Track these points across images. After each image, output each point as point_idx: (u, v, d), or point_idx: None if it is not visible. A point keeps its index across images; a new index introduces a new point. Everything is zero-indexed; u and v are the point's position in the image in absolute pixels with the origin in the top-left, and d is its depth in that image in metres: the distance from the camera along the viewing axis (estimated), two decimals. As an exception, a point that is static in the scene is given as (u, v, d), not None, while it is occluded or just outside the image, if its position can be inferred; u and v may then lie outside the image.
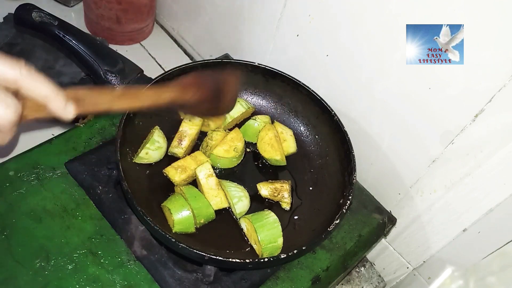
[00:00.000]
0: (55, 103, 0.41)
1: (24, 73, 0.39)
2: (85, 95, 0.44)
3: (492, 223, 0.66)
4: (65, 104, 0.41)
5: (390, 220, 0.78)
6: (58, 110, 0.41)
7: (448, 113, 0.64)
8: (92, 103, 0.45)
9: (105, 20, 1.00)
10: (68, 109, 0.42)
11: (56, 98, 0.41)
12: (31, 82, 0.39)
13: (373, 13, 0.65)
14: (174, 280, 0.61)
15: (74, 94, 0.43)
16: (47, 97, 0.40)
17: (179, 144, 0.71)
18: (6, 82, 0.38)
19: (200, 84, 0.57)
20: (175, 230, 0.63)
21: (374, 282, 0.90)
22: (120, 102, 0.48)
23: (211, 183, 0.67)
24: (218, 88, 0.60)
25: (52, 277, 0.59)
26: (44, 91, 0.40)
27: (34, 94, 0.40)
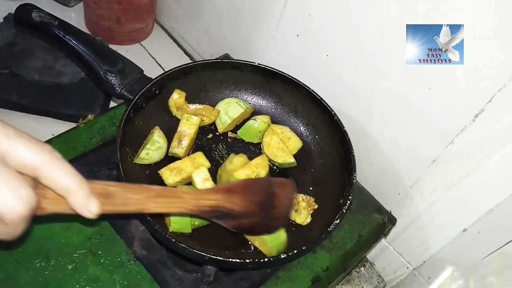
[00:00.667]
0: (77, 198, 0.36)
1: (47, 160, 0.34)
2: (115, 191, 0.39)
3: (492, 223, 0.66)
4: (88, 200, 0.36)
5: (390, 220, 0.78)
6: (78, 206, 0.36)
7: (448, 113, 0.64)
8: (123, 202, 0.39)
9: (105, 20, 1.01)
10: (91, 207, 0.36)
11: (79, 192, 0.36)
12: (53, 170, 0.35)
13: (373, 13, 0.65)
14: (174, 280, 0.61)
15: (103, 188, 0.38)
16: (68, 190, 0.35)
17: (179, 144, 0.71)
18: (24, 168, 0.34)
19: (248, 190, 0.51)
20: (172, 229, 0.62)
21: (374, 282, 0.90)
22: (156, 203, 0.42)
23: (207, 187, 0.65)
24: (269, 198, 0.53)
25: (52, 277, 0.59)
26: (66, 182, 0.35)
27: (54, 185, 0.35)
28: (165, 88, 0.74)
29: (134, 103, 0.68)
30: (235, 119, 0.77)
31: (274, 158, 0.74)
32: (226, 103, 0.79)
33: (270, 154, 0.75)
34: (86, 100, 0.90)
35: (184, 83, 0.76)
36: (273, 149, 0.75)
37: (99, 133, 0.75)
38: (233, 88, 0.82)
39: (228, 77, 0.80)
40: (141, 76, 0.73)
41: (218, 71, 0.79)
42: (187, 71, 0.75)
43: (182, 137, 0.72)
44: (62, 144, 0.72)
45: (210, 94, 0.81)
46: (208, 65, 0.77)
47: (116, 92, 0.71)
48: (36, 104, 0.88)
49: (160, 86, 0.73)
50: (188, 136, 0.72)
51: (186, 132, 0.72)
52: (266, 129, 0.77)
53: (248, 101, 0.83)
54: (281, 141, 0.76)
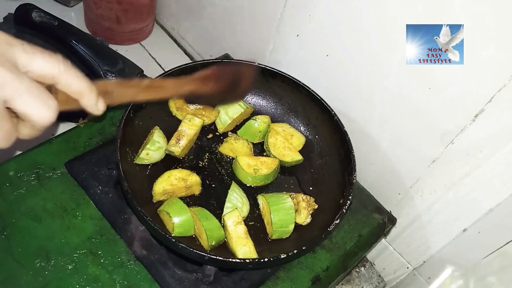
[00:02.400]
0: (88, 99, 0.41)
1: (62, 69, 0.39)
2: (113, 88, 0.45)
3: (492, 223, 0.66)
4: (97, 100, 0.42)
5: (390, 220, 0.78)
6: (90, 106, 0.42)
7: (448, 113, 0.64)
8: (120, 95, 0.46)
9: (105, 20, 1.00)
10: (99, 105, 0.43)
11: (90, 94, 0.41)
12: (68, 78, 0.39)
13: (373, 13, 0.65)
14: (174, 280, 0.61)
15: (104, 87, 0.44)
16: (82, 93, 0.41)
17: (177, 143, 0.71)
18: (44, 78, 0.38)
19: (219, 76, 0.59)
20: (175, 234, 0.62)
21: (374, 282, 0.90)
22: (145, 93, 0.49)
23: (239, 231, 0.63)
24: (235, 79, 0.63)
25: (52, 277, 0.59)
26: (80, 87, 0.40)
27: (70, 90, 0.40)
28: (165, 88, 0.74)
29: (134, 103, 0.68)
30: (235, 119, 0.77)
31: (283, 158, 0.74)
32: (226, 103, 0.79)
33: (278, 154, 0.75)
34: (86, 100, 0.90)
35: (184, 83, 0.76)
36: (279, 149, 0.75)
37: (99, 133, 0.75)
38: (233, 88, 0.82)
39: (228, 77, 0.80)
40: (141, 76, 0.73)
41: (218, 71, 0.79)
42: (187, 71, 0.75)
43: (181, 136, 0.72)
44: (62, 144, 0.72)
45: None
46: (208, 65, 0.77)
47: (116, 92, 0.70)
48: (36, 104, 0.88)
49: (160, 86, 0.73)
50: (187, 136, 0.72)
51: (186, 132, 0.72)
52: (266, 129, 0.77)
53: (248, 101, 0.83)
54: (286, 140, 0.76)
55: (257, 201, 0.70)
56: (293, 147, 0.76)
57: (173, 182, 0.66)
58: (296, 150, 0.76)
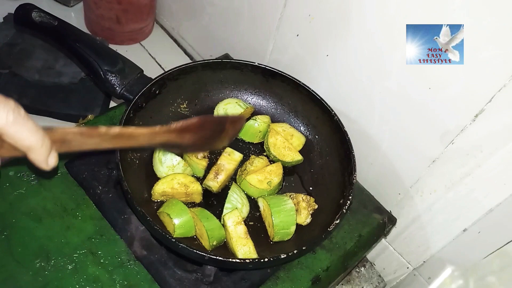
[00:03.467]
0: (37, 154, 0.37)
1: (10, 119, 0.34)
2: (73, 137, 0.41)
3: (492, 223, 0.66)
4: (47, 155, 0.37)
5: (390, 220, 0.78)
6: (39, 162, 0.37)
7: (448, 113, 0.64)
8: (80, 144, 0.42)
9: (105, 20, 1.00)
10: (49, 160, 0.38)
11: (40, 149, 0.37)
12: (17, 129, 0.35)
13: (373, 13, 0.65)
14: (174, 280, 0.61)
15: (62, 135, 0.39)
16: (30, 147, 0.36)
17: (215, 178, 0.70)
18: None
19: (201, 128, 0.54)
20: (176, 235, 0.62)
21: (374, 282, 0.90)
22: (112, 142, 0.45)
23: (239, 231, 0.63)
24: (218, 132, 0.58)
25: (52, 277, 0.59)
26: (29, 141, 0.36)
27: (18, 143, 0.36)
28: (165, 88, 0.74)
29: (134, 103, 0.68)
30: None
31: (283, 158, 0.74)
32: (226, 103, 0.79)
33: (278, 154, 0.74)
34: (86, 100, 0.90)
35: (184, 83, 0.76)
36: (279, 149, 0.75)
37: (99, 133, 0.75)
38: (233, 88, 0.82)
39: (228, 77, 0.80)
40: (141, 76, 0.73)
41: (218, 71, 0.79)
42: (187, 71, 0.75)
43: (220, 171, 0.70)
44: (62, 144, 0.72)
45: (210, 94, 0.81)
46: (208, 65, 0.77)
47: (116, 92, 0.70)
48: (36, 104, 0.88)
49: (160, 86, 0.73)
50: (226, 171, 0.71)
51: (225, 166, 0.71)
52: (266, 129, 0.77)
53: (248, 101, 0.83)
54: (286, 140, 0.76)
55: (258, 203, 0.70)
56: (293, 147, 0.76)
57: (175, 185, 0.66)
58: (296, 150, 0.76)
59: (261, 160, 0.73)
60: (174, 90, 0.76)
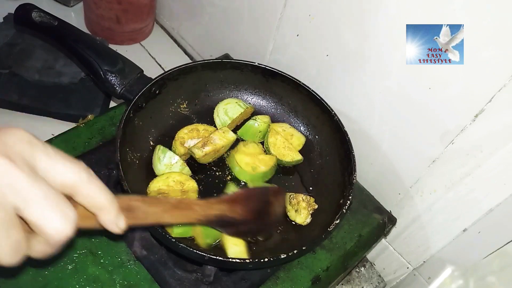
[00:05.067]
0: (108, 216, 0.36)
1: (84, 178, 0.34)
2: (137, 204, 0.41)
3: (492, 223, 0.66)
4: (117, 217, 0.37)
5: (390, 220, 0.78)
6: (109, 223, 0.36)
7: (448, 113, 0.64)
8: (143, 215, 0.41)
9: (105, 20, 1.01)
10: (119, 223, 0.37)
11: (111, 210, 0.36)
12: (90, 189, 0.35)
13: (373, 13, 0.65)
14: (174, 280, 0.61)
15: (126, 202, 0.39)
16: (102, 208, 0.36)
17: (202, 147, 0.70)
18: (63, 187, 0.34)
19: (248, 200, 0.56)
20: (175, 235, 0.62)
21: (374, 282, 0.90)
22: (171, 214, 0.45)
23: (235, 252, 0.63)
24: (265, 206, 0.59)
25: (52, 277, 0.59)
26: (100, 200, 0.35)
27: (88, 203, 0.35)
28: (165, 88, 0.74)
29: (134, 103, 0.68)
30: (235, 119, 0.77)
31: (282, 158, 0.74)
32: (226, 103, 0.79)
33: (278, 154, 0.75)
34: (86, 100, 0.90)
35: (184, 83, 0.76)
36: (279, 149, 0.75)
37: (99, 133, 0.75)
38: (233, 88, 0.82)
39: (228, 77, 0.80)
40: (141, 76, 0.73)
41: (218, 71, 0.79)
42: (187, 71, 0.75)
43: (208, 143, 0.71)
44: (62, 144, 0.72)
45: (210, 94, 0.81)
46: (208, 65, 0.77)
47: (116, 92, 0.70)
48: (36, 104, 0.88)
49: (160, 86, 0.73)
50: (213, 145, 0.71)
51: (215, 141, 0.71)
52: (266, 129, 0.77)
53: (248, 101, 0.83)
54: (286, 140, 0.76)
55: None
56: (293, 147, 0.76)
57: (170, 183, 0.66)
58: (296, 150, 0.76)
59: (255, 146, 0.74)
60: (174, 90, 0.76)
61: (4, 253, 0.31)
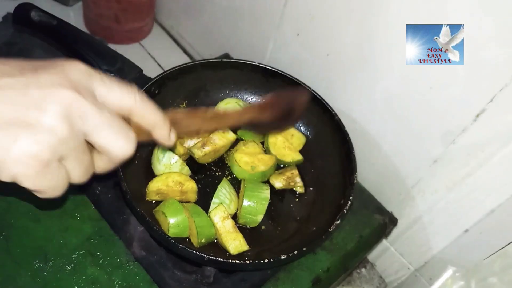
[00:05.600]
0: (162, 131, 0.41)
1: (138, 100, 0.38)
2: (181, 118, 0.45)
3: (494, 223, 0.66)
4: (169, 131, 0.41)
5: (391, 221, 0.78)
6: (163, 138, 0.41)
7: (450, 113, 0.63)
8: (187, 125, 0.46)
9: (104, 20, 1.00)
10: (171, 136, 0.42)
11: (164, 126, 0.40)
12: (144, 109, 0.39)
13: (374, 12, 0.65)
14: (174, 281, 0.61)
15: (172, 117, 0.43)
16: (156, 125, 0.40)
17: (201, 147, 0.70)
18: (120, 110, 0.37)
19: (275, 104, 0.60)
20: (170, 234, 0.62)
21: (375, 283, 0.90)
22: (209, 123, 0.50)
23: (227, 226, 0.63)
24: (289, 106, 0.63)
25: (51, 278, 0.59)
26: (154, 119, 0.40)
27: (145, 122, 0.39)
28: (165, 87, 0.74)
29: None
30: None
31: (283, 158, 0.74)
32: (226, 103, 0.78)
33: (278, 154, 0.74)
34: (85, 100, 0.90)
35: (184, 83, 0.76)
36: (279, 149, 0.74)
37: (98, 133, 0.75)
38: (233, 88, 0.82)
39: (228, 76, 0.80)
40: (140, 75, 0.73)
41: (218, 70, 0.79)
42: (187, 70, 0.75)
43: (208, 143, 0.70)
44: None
45: (209, 94, 0.81)
46: (208, 64, 0.77)
47: (116, 92, 0.70)
48: (35, 104, 0.88)
49: (160, 85, 0.72)
50: (213, 145, 0.71)
51: (215, 141, 0.71)
52: None
53: (248, 101, 0.82)
54: (286, 140, 0.75)
55: None
56: (293, 147, 0.75)
57: (169, 184, 0.66)
58: (296, 150, 0.76)
59: (255, 145, 0.74)
60: (173, 90, 0.75)
61: (78, 175, 0.35)
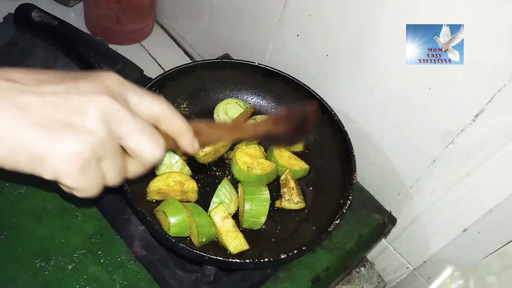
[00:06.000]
0: (187, 139, 0.43)
1: (167, 109, 0.40)
2: (203, 129, 0.47)
3: (492, 223, 0.66)
4: (193, 140, 0.44)
5: (390, 220, 0.78)
6: (187, 146, 0.44)
7: (448, 113, 0.64)
8: (207, 136, 0.48)
9: (105, 20, 1.00)
10: (194, 145, 0.44)
11: (188, 134, 0.43)
12: (172, 118, 0.41)
13: (373, 13, 0.65)
14: (174, 280, 0.61)
15: (195, 128, 0.45)
16: (181, 133, 0.42)
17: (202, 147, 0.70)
18: (150, 118, 0.39)
19: (289, 118, 0.64)
20: (171, 233, 0.62)
21: (374, 282, 0.90)
22: (229, 135, 0.53)
23: (228, 225, 0.64)
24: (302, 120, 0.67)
25: (52, 277, 0.59)
26: (180, 127, 0.42)
27: (172, 130, 0.42)
28: (165, 88, 0.74)
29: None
30: (235, 119, 0.77)
31: (291, 167, 0.74)
32: (226, 103, 0.79)
33: (287, 164, 0.74)
34: (86, 100, 0.90)
35: (184, 83, 0.76)
36: (287, 159, 0.75)
37: (99, 133, 0.75)
38: (233, 88, 0.82)
39: (228, 77, 0.80)
40: (141, 76, 0.73)
41: (218, 71, 0.79)
42: (187, 71, 0.75)
43: None
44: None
45: (210, 94, 0.81)
46: (208, 65, 0.77)
47: (116, 92, 0.70)
48: (36, 104, 0.88)
49: (160, 86, 0.73)
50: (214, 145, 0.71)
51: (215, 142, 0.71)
52: None
53: (248, 101, 0.82)
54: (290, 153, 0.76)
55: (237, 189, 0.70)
56: (298, 158, 0.75)
57: (170, 183, 0.66)
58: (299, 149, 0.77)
59: (257, 148, 0.74)
60: (174, 90, 0.76)
61: (112, 176, 0.37)
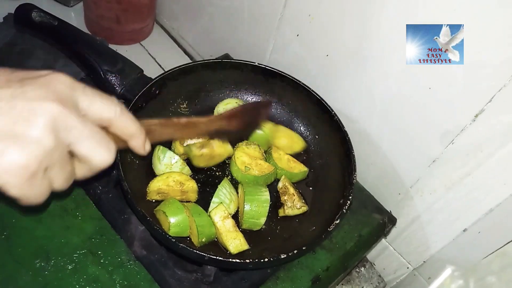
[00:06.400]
0: (138, 142, 0.43)
1: (118, 112, 0.40)
2: (155, 127, 0.47)
3: (492, 223, 0.66)
4: (145, 141, 0.44)
5: (390, 220, 0.78)
6: (139, 148, 0.43)
7: (448, 113, 0.64)
8: (160, 134, 0.48)
9: (105, 20, 1.00)
10: (147, 147, 0.44)
11: (140, 136, 0.43)
12: (123, 121, 0.41)
13: (373, 13, 0.65)
14: (174, 280, 0.61)
15: (147, 127, 0.45)
16: (133, 135, 0.42)
17: (199, 147, 0.70)
18: (101, 121, 0.39)
19: (242, 114, 0.63)
20: (171, 233, 0.62)
21: (374, 282, 0.90)
22: (181, 131, 0.53)
23: (228, 225, 0.64)
24: (254, 116, 0.67)
25: (52, 277, 0.59)
26: (132, 130, 0.42)
27: (123, 132, 0.41)
28: (165, 88, 0.74)
29: (134, 103, 0.68)
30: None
31: (290, 170, 0.74)
32: (226, 103, 0.79)
33: (286, 167, 0.74)
34: (86, 100, 0.90)
35: (184, 83, 0.76)
36: (286, 162, 0.74)
37: (99, 133, 0.75)
38: (233, 88, 0.82)
39: (228, 77, 0.80)
40: (141, 76, 0.73)
41: (218, 71, 0.79)
42: (187, 71, 0.75)
43: (207, 146, 0.70)
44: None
45: (210, 94, 0.81)
46: (208, 65, 0.77)
47: (116, 92, 0.70)
48: (36, 104, 0.88)
49: (160, 86, 0.73)
50: (212, 150, 0.71)
51: (213, 146, 0.71)
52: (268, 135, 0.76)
53: (248, 101, 0.82)
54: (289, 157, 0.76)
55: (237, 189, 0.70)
56: (297, 161, 0.75)
57: (170, 183, 0.66)
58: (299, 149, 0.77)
59: (257, 149, 0.74)
60: (174, 90, 0.76)
61: (60, 183, 0.37)
